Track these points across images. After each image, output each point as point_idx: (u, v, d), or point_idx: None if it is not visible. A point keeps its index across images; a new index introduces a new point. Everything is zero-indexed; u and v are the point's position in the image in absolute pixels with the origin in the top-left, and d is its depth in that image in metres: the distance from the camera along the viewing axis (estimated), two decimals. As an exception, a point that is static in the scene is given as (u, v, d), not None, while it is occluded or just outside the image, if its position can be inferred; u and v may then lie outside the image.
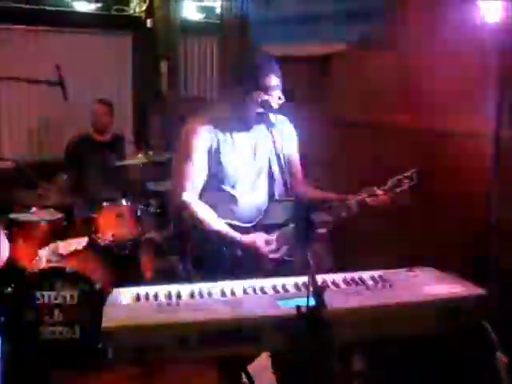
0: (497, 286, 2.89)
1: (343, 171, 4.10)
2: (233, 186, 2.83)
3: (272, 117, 2.83)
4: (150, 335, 1.93)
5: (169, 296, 2.21)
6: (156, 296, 2.21)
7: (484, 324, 2.33)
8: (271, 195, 2.91)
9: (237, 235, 2.72)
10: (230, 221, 2.78)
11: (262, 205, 2.87)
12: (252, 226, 2.80)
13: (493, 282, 2.94)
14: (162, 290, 2.27)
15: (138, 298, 2.19)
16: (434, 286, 2.32)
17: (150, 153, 4.73)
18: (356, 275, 2.44)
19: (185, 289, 2.28)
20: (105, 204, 4.50)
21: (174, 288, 2.28)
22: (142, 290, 2.26)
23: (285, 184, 2.71)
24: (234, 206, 2.83)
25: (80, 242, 4.31)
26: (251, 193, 2.86)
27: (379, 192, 2.74)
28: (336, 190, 2.92)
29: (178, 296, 2.22)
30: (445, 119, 3.54)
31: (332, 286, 2.35)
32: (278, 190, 2.86)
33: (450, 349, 2.42)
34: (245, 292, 2.28)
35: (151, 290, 2.27)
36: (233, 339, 1.98)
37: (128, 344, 1.91)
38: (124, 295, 2.21)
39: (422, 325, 2.21)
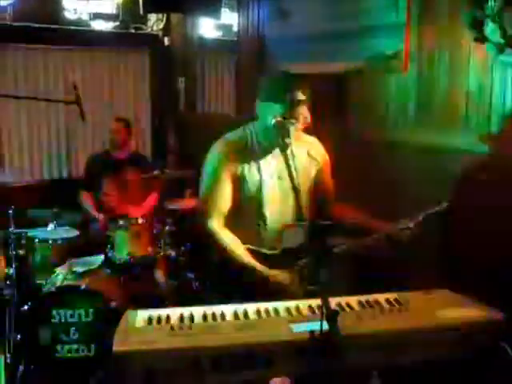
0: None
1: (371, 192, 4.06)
2: (259, 211, 2.77)
3: (301, 138, 2.81)
4: (161, 360, 1.92)
5: (181, 319, 2.19)
6: (168, 319, 2.19)
7: (503, 346, 2.29)
8: (299, 219, 2.82)
9: (263, 270, 2.67)
10: (255, 247, 2.75)
11: None
12: (278, 253, 2.77)
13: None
14: (174, 312, 2.25)
15: (150, 320, 2.18)
16: (449, 309, 2.28)
17: (167, 171, 4.73)
18: (371, 298, 2.41)
19: (198, 311, 2.26)
20: (121, 222, 4.51)
21: (186, 310, 2.26)
22: (154, 312, 2.24)
23: (316, 208, 2.66)
24: (260, 231, 2.79)
25: (96, 260, 4.31)
26: (278, 217, 2.80)
27: (411, 226, 2.67)
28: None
29: (191, 319, 2.20)
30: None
31: (347, 309, 2.32)
32: (307, 213, 2.78)
33: (468, 373, 2.37)
34: (258, 315, 2.26)
35: (163, 312, 2.25)
36: (245, 364, 1.96)
37: (139, 369, 1.89)
38: (136, 318, 2.19)
39: (437, 349, 2.17)
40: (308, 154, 2.88)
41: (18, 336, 3.72)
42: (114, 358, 1.90)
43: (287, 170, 2.69)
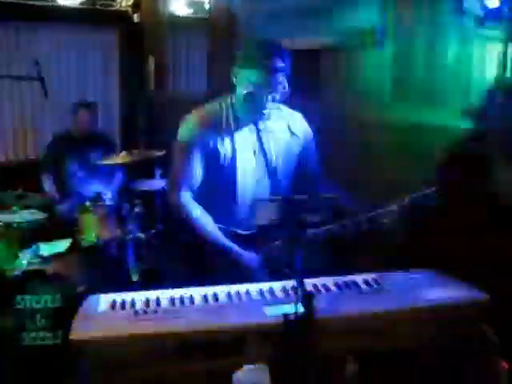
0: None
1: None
2: (232, 187, 2.65)
3: (281, 110, 2.68)
4: (123, 348, 1.77)
5: (147, 303, 2.05)
6: (133, 303, 2.05)
7: (484, 328, 2.19)
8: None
9: (234, 249, 2.57)
10: (227, 226, 2.63)
11: None
12: (251, 234, 2.65)
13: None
14: (139, 296, 2.11)
15: (113, 305, 2.03)
16: (431, 290, 2.17)
17: (135, 151, 4.57)
18: (349, 279, 2.29)
19: (165, 294, 2.12)
20: (88, 204, 4.35)
21: (152, 294, 2.12)
22: (118, 296, 2.10)
23: (301, 185, 2.54)
24: (233, 208, 2.67)
25: (63, 244, 4.16)
26: (252, 194, 2.67)
27: (395, 209, 2.50)
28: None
29: (157, 303, 2.06)
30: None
31: (323, 291, 2.20)
32: (286, 191, 2.66)
33: (449, 354, 2.28)
34: (229, 298, 2.12)
35: (128, 296, 2.11)
36: (216, 351, 1.83)
37: (100, 358, 1.75)
38: (98, 302, 2.04)
39: (420, 332, 2.06)
40: (288, 128, 2.73)
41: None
42: (71, 347, 1.75)
43: (266, 143, 2.57)
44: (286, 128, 2.72)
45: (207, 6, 6.13)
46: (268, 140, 2.62)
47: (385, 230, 2.52)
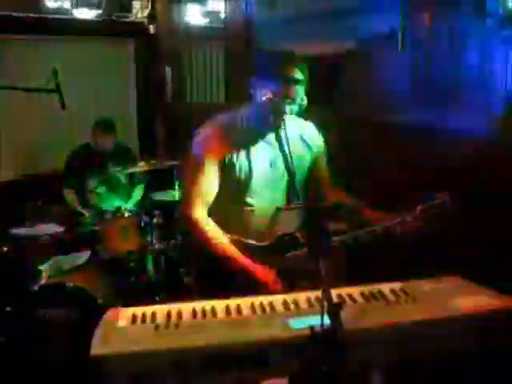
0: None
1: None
2: (247, 199, 2.59)
3: (296, 121, 2.62)
4: (145, 363, 1.72)
5: (168, 316, 2.00)
6: (154, 317, 2.00)
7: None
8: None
9: (246, 263, 2.48)
10: (243, 238, 2.56)
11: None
12: (266, 245, 2.58)
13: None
14: (160, 309, 2.06)
15: (134, 319, 1.98)
16: (460, 298, 2.09)
17: (153, 161, 4.55)
18: (374, 288, 2.23)
19: (186, 307, 2.07)
20: (107, 216, 4.33)
21: (174, 307, 2.07)
22: (138, 310, 2.05)
23: (312, 195, 2.49)
24: (250, 220, 2.61)
25: (82, 256, 4.13)
26: (269, 205, 2.61)
27: (409, 219, 2.45)
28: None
29: (179, 316, 2.01)
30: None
31: (349, 302, 2.13)
32: (302, 201, 2.59)
33: (478, 365, 2.20)
34: (252, 310, 2.07)
35: (149, 309, 2.06)
36: (239, 365, 1.77)
37: (121, 373, 1.70)
38: (118, 317, 2.00)
39: (449, 343, 1.98)
40: (301, 139, 2.68)
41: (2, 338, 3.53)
42: (91, 363, 1.70)
43: (282, 155, 2.54)
44: (299, 139, 2.67)
45: (223, 16, 6.10)
46: (284, 151, 2.57)
47: (399, 239, 2.47)
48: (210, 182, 2.55)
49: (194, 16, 6.95)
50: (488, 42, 3.28)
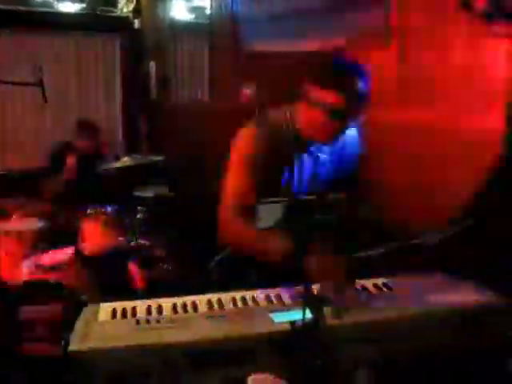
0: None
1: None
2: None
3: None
4: (123, 359, 1.68)
5: (149, 311, 1.97)
6: (134, 311, 1.97)
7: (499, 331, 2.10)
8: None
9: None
10: None
11: None
12: None
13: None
14: (141, 304, 2.03)
15: (113, 314, 1.95)
16: (444, 294, 2.08)
17: (137, 156, 4.52)
18: (358, 283, 2.20)
19: (167, 302, 2.04)
20: (90, 212, 4.29)
21: (154, 302, 2.04)
22: (118, 305, 2.02)
23: None
24: None
25: (65, 252, 4.09)
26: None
27: (436, 242, 2.41)
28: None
29: (159, 311, 1.98)
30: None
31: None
32: None
33: (463, 359, 2.19)
34: (234, 304, 2.04)
35: (130, 304, 2.03)
36: (220, 360, 1.74)
37: (100, 369, 1.66)
38: (98, 312, 1.96)
39: (430, 339, 1.96)
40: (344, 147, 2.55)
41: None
42: (69, 359, 1.67)
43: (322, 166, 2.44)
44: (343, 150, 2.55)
45: (208, 11, 6.07)
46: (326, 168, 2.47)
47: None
48: (248, 181, 2.37)
49: (179, 11, 6.94)
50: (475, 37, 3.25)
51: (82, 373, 1.67)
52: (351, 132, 2.57)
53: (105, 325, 1.87)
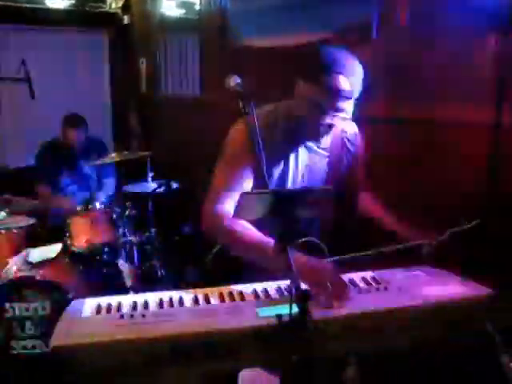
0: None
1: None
2: None
3: (345, 127, 2.47)
4: (107, 354, 1.66)
5: (134, 306, 1.95)
6: (119, 307, 1.95)
7: (487, 326, 2.09)
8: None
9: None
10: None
11: None
12: None
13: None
14: (126, 299, 2.01)
15: (98, 309, 1.93)
16: (432, 286, 2.07)
17: (125, 152, 4.49)
18: (345, 276, 2.19)
19: (153, 297, 2.02)
20: (78, 208, 4.26)
21: (140, 297, 2.02)
22: (104, 300, 1.99)
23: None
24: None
25: (53, 249, 4.06)
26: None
27: (433, 243, 2.34)
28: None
29: (145, 306, 1.96)
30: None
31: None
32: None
33: (451, 353, 2.18)
34: (221, 299, 2.02)
35: (115, 299, 2.00)
36: (207, 355, 1.72)
37: (82, 366, 1.64)
38: (83, 307, 1.94)
39: (420, 332, 1.95)
40: (346, 144, 2.56)
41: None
42: (52, 355, 1.64)
43: (316, 166, 2.42)
44: (345, 147, 2.55)
45: (198, 7, 6.05)
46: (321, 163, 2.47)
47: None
48: (240, 178, 2.34)
49: (168, 7, 6.90)
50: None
51: (65, 368, 1.65)
52: (351, 130, 2.57)
53: (89, 320, 1.85)
